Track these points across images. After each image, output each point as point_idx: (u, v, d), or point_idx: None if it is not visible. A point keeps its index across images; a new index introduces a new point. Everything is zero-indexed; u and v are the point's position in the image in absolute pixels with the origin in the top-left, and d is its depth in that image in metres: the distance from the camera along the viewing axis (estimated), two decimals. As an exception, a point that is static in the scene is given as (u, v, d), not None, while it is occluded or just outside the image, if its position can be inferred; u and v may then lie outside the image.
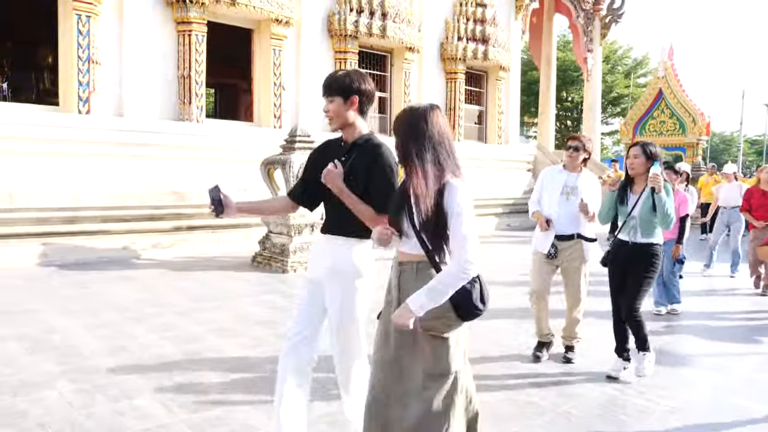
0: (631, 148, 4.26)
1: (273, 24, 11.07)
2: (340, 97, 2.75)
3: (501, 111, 16.07)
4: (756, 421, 3.64)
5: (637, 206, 4.18)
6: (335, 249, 2.79)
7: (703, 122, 23.57)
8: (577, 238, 4.57)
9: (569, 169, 4.66)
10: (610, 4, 20.61)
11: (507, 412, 3.64)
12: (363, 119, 2.82)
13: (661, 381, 4.27)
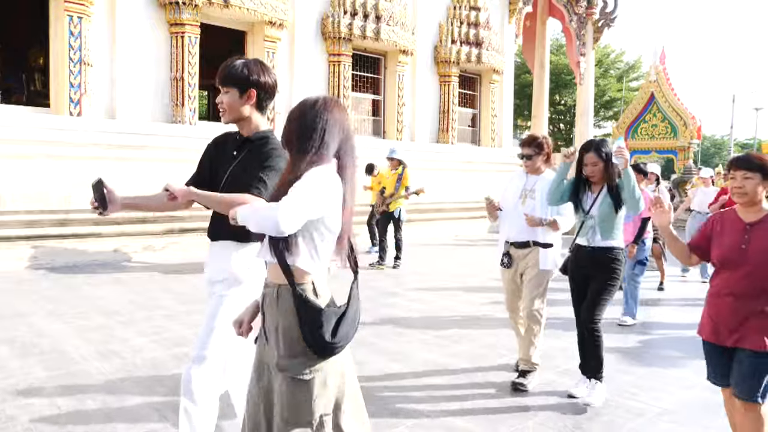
0: (587, 155, 3.89)
1: (266, 26, 11.05)
2: (236, 89, 2.51)
3: (494, 114, 16.10)
4: None
5: (596, 205, 3.89)
6: (215, 254, 2.58)
7: (695, 126, 23.71)
8: (533, 245, 4.16)
9: (529, 171, 4.34)
10: (602, 8, 20.70)
11: (499, 413, 3.63)
12: (262, 114, 2.60)
13: (652, 383, 4.28)
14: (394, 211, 9.08)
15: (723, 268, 2.78)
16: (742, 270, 2.68)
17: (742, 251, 2.70)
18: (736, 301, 2.70)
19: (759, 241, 2.68)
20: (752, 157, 2.75)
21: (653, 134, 24.67)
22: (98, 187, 2.38)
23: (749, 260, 2.67)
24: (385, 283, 7.84)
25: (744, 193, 2.70)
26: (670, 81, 24.44)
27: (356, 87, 13.14)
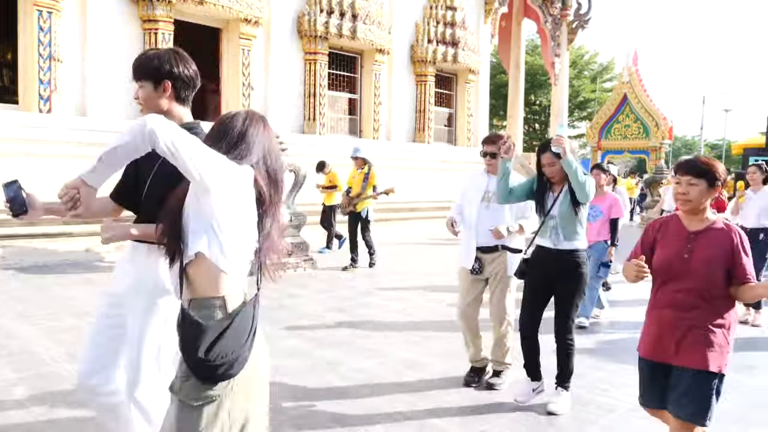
0: (543, 156, 3.71)
1: (242, 23, 10.96)
2: (150, 82, 2.35)
3: (470, 114, 16.19)
4: (718, 418, 3.72)
5: (556, 205, 3.72)
6: (140, 261, 2.33)
7: (666, 126, 24.17)
8: (502, 249, 4.05)
9: (491, 171, 4.12)
10: (576, 9, 20.97)
11: (473, 411, 3.65)
12: (184, 107, 2.44)
13: (624, 379, 4.34)
14: (361, 212, 8.73)
15: (664, 279, 2.60)
16: (684, 281, 2.51)
17: (684, 261, 2.52)
18: (677, 315, 2.53)
19: (702, 251, 2.51)
20: (699, 162, 2.56)
21: (626, 134, 25.08)
22: (12, 190, 2.08)
23: (692, 271, 2.49)
24: (361, 283, 7.84)
25: (688, 200, 2.53)
26: (642, 82, 24.86)
27: (332, 86, 13.10)
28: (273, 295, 6.87)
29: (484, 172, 4.18)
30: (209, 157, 1.69)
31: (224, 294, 1.78)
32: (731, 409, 3.92)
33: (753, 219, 6.28)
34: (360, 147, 8.99)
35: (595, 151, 25.98)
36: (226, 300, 1.78)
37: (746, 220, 6.36)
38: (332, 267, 8.75)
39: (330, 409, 3.65)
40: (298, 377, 4.20)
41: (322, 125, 12.45)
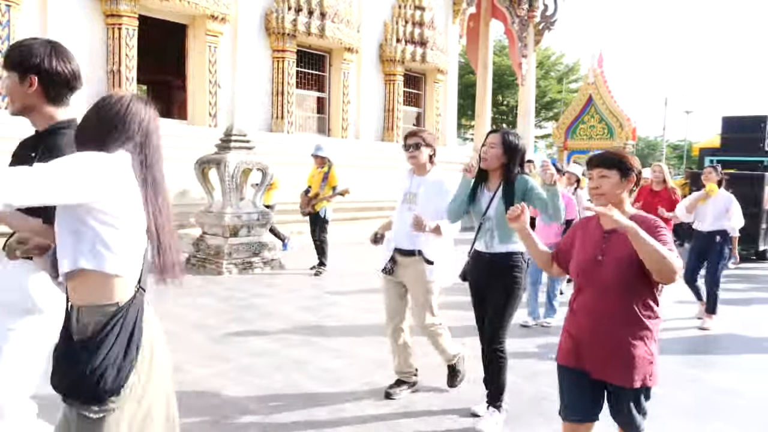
0: (489, 135, 3.45)
1: (208, 20, 10.82)
2: (16, 74, 2.11)
3: (439, 113, 16.28)
4: (676, 411, 3.82)
5: (492, 205, 3.40)
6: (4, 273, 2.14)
7: (630, 127, 24.66)
8: (418, 255, 3.75)
9: (414, 171, 3.90)
10: (543, 11, 21.23)
11: (441, 414, 3.68)
12: (56, 106, 2.19)
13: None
14: (319, 212, 8.31)
15: (581, 284, 2.42)
16: (600, 286, 2.32)
17: (598, 263, 2.33)
18: (594, 323, 2.33)
19: (616, 251, 2.31)
20: (609, 154, 2.44)
21: (591, 135, 25.51)
22: None
23: (606, 274, 2.30)
24: (328, 283, 7.82)
25: (601, 194, 2.36)
26: (607, 83, 25.30)
27: (301, 84, 13.03)
28: (240, 295, 6.81)
29: (409, 172, 3.94)
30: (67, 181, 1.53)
31: (116, 300, 1.67)
32: (689, 403, 4.02)
33: (709, 222, 6.18)
34: (322, 145, 8.58)
35: (561, 151, 26.33)
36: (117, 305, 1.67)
37: (702, 223, 6.25)
38: (300, 266, 8.70)
39: (297, 410, 3.64)
40: (266, 377, 4.18)
41: (290, 124, 12.37)
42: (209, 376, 4.17)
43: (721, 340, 5.69)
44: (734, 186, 10.45)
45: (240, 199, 8.49)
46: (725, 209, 6.11)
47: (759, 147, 12.20)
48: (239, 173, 8.35)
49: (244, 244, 8.27)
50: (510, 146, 3.37)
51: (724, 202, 6.15)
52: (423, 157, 3.80)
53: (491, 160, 3.38)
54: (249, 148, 8.74)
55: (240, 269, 8.07)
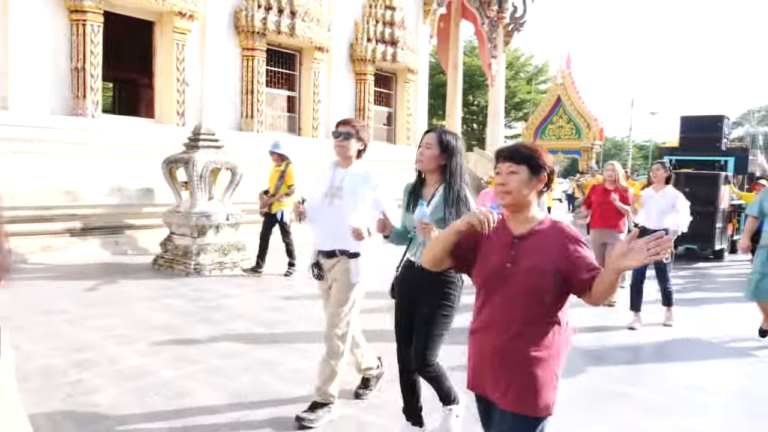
0: (425, 135, 3.10)
1: (176, 17, 10.66)
2: None
3: (409, 113, 16.32)
4: (637, 406, 3.90)
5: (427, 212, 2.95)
6: None
7: (597, 128, 25.12)
8: (340, 254, 3.45)
9: (339, 163, 3.57)
10: (512, 12, 21.45)
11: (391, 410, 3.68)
12: None
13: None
14: (276, 213, 7.87)
15: (484, 297, 2.11)
16: (507, 300, 2.03)
17: (506, 272, 2.04)
18: (498, 342, 2.04)
19: (526, 259, 2.02)
20: (520, 147, 2.14)
21: (560, 135, 25.90)
22: None
23: (514, 287, 2.02)
24: (297, 283, 7.76)
25: (507, 192, 2.06)
26: (575, 85, 25.73)
27: (271, 83, 12.93)
28: (209, 296, 6.72)
29: (331, 165, 3.61)
30: None
31: None
32: (649, 397, 4.11)
33: (655, 219, 6.02)
34: (280, 142, 8.17)
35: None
36: None
37: (648, 220, 6.09)
38: (270, 267, 8.63)
39: (267, 411, 3.61)
40: (235, 379, 4.13)
41: (260, 123, 12.26)
42: (177, 378, 4.11)
43: (675, 340, 5.82)
44: (691, 185, 10.50)
45: (209, 198, 8.39)
46: (672, 206, 6.04)
47: (716, 146, 12.31)
48: (208, 173, 8.25)
49: (213, 244, 8.17)
50: (448, 146, 3.03)
51: (671, 198, 6.08)
52: (351, 148, 3.48)
53: (427, 161, 3.07)
54: (218, 147, 8.64)
55: (209, 270, 7.97)
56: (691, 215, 6.29)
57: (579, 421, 3.65)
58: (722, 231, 11.07)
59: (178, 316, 5.82)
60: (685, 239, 10.58)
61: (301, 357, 4.66)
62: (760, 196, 5.79)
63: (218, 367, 4.36)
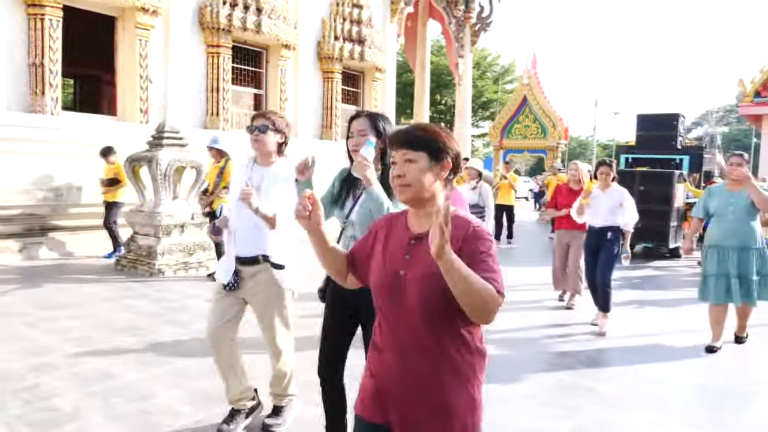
0: (354, 122, 2.71)
1: (138, 12, 10.44)
2: None
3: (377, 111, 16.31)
4: (603, 402, 3.97)
5: (357, 206, 2.70)
6: None
7: (562, 127, 25.48)
8: (264, 261, 3.18)
9: (257, 160, 3.26)
10: (479, 12, 21.61)
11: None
12: None
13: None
14: (216, 210, 7.50)
15: (383, 307, 1.77)
16: (404, 311, 1.68)
17: (400, 281, 1.70)
18: (399, 362, 1.71)
19: (423, 263, 1.65)
20: (416, 130, 1.76)
21: (526, 134, 26.20)
22: None
23: (409, 295, 1.67)
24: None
25: (405, 185, 1.71)
26: (540, 85, 26.05)
27: (237, 80, 12.77)
28: (173, 296, 6.61)
29: (249, 162, 3.29)
30: None
31: None
32: (613, 392, 4.18)
33: (602, 217, 5.88)
34: (219, 137, 7.80)
35: (497, 150, 26.94)
36: None
37: (595, 219, 5.94)
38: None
39: (232, 412, 3.55)
40: (200, 380, 4.07)
41: (226, 121, 12.10)
42: (140, 380, 4.02)
43: (636, 336, 5.94)
44: (646, 183, 10.62)
45: (173, 198, 8.24)
46: (618, 204, 5.86)
47: (672, 145, 12.29)
48: (172, 171, 8.11)
49: (178, 244, 8.03)
50: (384, 132, 2.66)
51: (618, 197, 5.88)
52: (270, 143, 3.16)
53: None
54: (182, 145, 8.49)
55: (174, 270, 7.83)
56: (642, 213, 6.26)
57: (546, 416, 3.69)
58: (677, 229, 11.07)
59: (142, 317, 5.70)
60: (642, 237, 10.68)
61: (269, 357, 4.61)
62: (704, 198, 5.53)
63: (183, 369, 4.28)
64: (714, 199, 5.37)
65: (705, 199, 5.50)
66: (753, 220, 5.22)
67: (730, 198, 5.25)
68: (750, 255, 5.17)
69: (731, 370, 4.76)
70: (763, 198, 5.03)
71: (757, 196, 5.04)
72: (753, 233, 5.19)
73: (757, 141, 27.25)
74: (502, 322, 6.09)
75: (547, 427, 3.55)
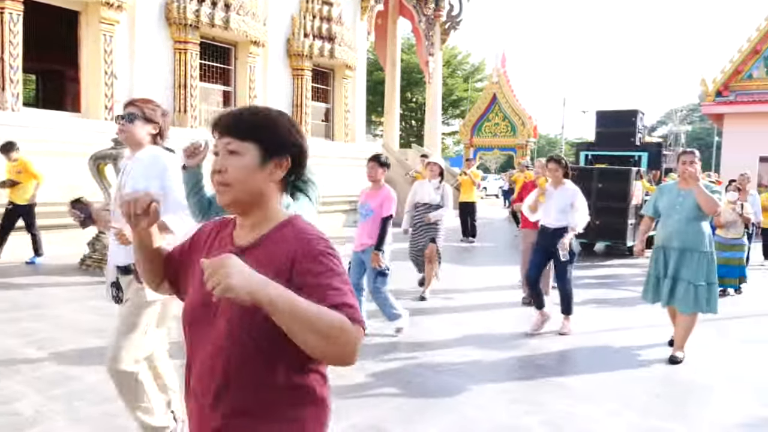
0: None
1: (102, 7, 10.22)
2: None
3: (347, 109, 16.27)
4: (570, 392, 4.04)
5: None
6: None
7: (531, 125, 25.78)
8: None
9: (129, 145, 2.94)
10: (449, 11, 21.73)
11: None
12: None
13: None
14: None
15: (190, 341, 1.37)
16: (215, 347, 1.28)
17: (211, 307, 1.29)
18: (201, 411, 1.32)
19: None
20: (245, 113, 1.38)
21: (495, 132, 26.43)
22: None
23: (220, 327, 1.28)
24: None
25: (225, 185, 1.32)
26: (510, 83, 26.30)
27: (205, 77, 12.60)
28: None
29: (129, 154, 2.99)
30: None
31: None
32: (580, 387, 4.25)
33: (554, 217, 5.56)
34: None
35: (467, 147, 27.14)
36: None
37: (547, 217, 5.63)
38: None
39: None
40: (166, 381, 4.00)
41: (194, 118, 11.94)
42: (104, 382, 3.93)
43: (601, 332, 6.04)
44: (603, 181, 10.48)
45: (140, 196, 8.09)
46: (570, 203, 5.53)
47: (631, 141, 12.01)
48: (138, 169, 7.96)
49: (145, 243, 7.89)
50: None
51: (570, 195, 5.55)
52: (137, 133, 2.84)
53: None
54: (149, 142, 8.35)
55: (140, 270, 7.69)
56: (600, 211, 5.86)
57: (516, 411, 3.74)
58: (635, 227, 10.47)
59: (107, 318, 5.58)
60: (600, 235, 10.57)
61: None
62: (655, 196, 5.23)
63: (149, 370, 4.21)
64: (664, 197, 5.06)
65: (655, 197, 5.22)
66: (702, 221, 4.85)
67: (678, 197, 4.91)
68: (694, 258, 4.78)
69: (695, 364, 4.88)
70: (708, 200, 4.67)
71: (702, 198, 4.69)
72: (700, 235, 4.82)
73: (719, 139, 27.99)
74: (472, 322, 6.16)
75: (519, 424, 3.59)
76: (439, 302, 6.80)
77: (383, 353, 4.79)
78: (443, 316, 6.19)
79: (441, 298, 7.00)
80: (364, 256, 5.07)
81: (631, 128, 12.06)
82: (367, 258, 5.02)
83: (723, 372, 4.71)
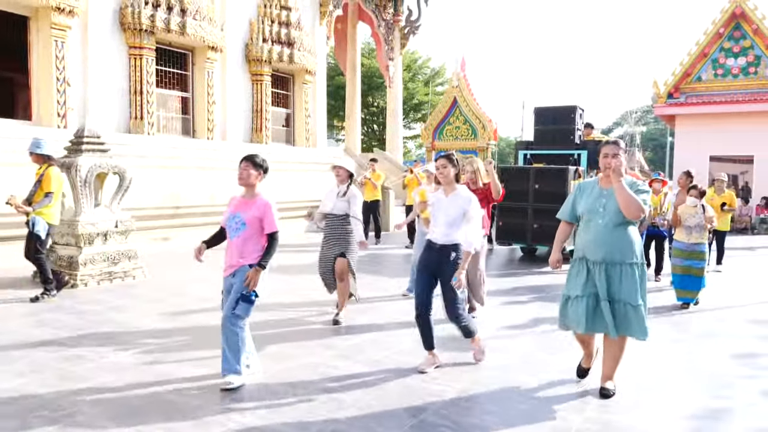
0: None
1: (53, 12, 9.97)
2: None
3: (308, 114, 16.21)
4: (530, 392, 4.10)
5: None
6: None
7: (492, 128, 26.10)
8: None
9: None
10: (408, 15, 21.88)
11: (318, 408, 3.66)
12: None
13: (449, 369, 4.61)
14: (29, 221, 6.69)
15: None
16: None
17: None
18: None
19: None
20: None
21: (457, 135, 26.67)
22: None
23: None
24: (195, 290, 7.49)
25: None
26: (470, 87, 26.59)
27: (162, 83, 12.40)
28: (97, 308, 6.34)
29: None
30: None
31: None
32: (538, 386, 4.32)
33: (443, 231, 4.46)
34: (42, 141, 6.83)
35: (429, 150, 27.30)
36: None
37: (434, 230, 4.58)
38: (165, 276, 8.27)
39: (160, 426, 3.45)
40: (125, 394, 3.92)
41: (151, 125, 11.71)
42: (61, 397, 3.84)
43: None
44: (539, 181, 10.09)
45: (95, 205, 7.91)
46: (462, 214, 4.43)
47: (570, 139, 11.26)
48: (93, 178, 7.78)
49: (101, 253, 7.72)
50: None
51: (462, 204, 4.45)
52: None
53: None
54: (103, 150, 8.16)
55: (97, 281, 7.52)
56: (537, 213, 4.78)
57: (476, 411, 3.77)
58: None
59: (63, 331, 5.45)
60: (537, 239, 10.14)
61: (195, 366, 4.51)
62: (572, 196, 4.29)
63: (107, 383, 4.12)
64: (583, 198, 4.13)
65: (573, 197, 4.26)
66: (629, 225, 3.97)
67: (600, 197, 4.02)
68: (627, 273, 3.91)
69: (650, 358, 5.00)
70: (630, 201, 3.79)
71: (623, 198, 3.80)
72: (628, 244, 3.93)
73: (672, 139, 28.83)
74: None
75: (477, 422, 3.61)
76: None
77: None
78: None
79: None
80: (235, 279, 4.05)
81: (570, 125, 11.27)
82: (239, 280, 4.03)
83: (677, 366, 4.84)
